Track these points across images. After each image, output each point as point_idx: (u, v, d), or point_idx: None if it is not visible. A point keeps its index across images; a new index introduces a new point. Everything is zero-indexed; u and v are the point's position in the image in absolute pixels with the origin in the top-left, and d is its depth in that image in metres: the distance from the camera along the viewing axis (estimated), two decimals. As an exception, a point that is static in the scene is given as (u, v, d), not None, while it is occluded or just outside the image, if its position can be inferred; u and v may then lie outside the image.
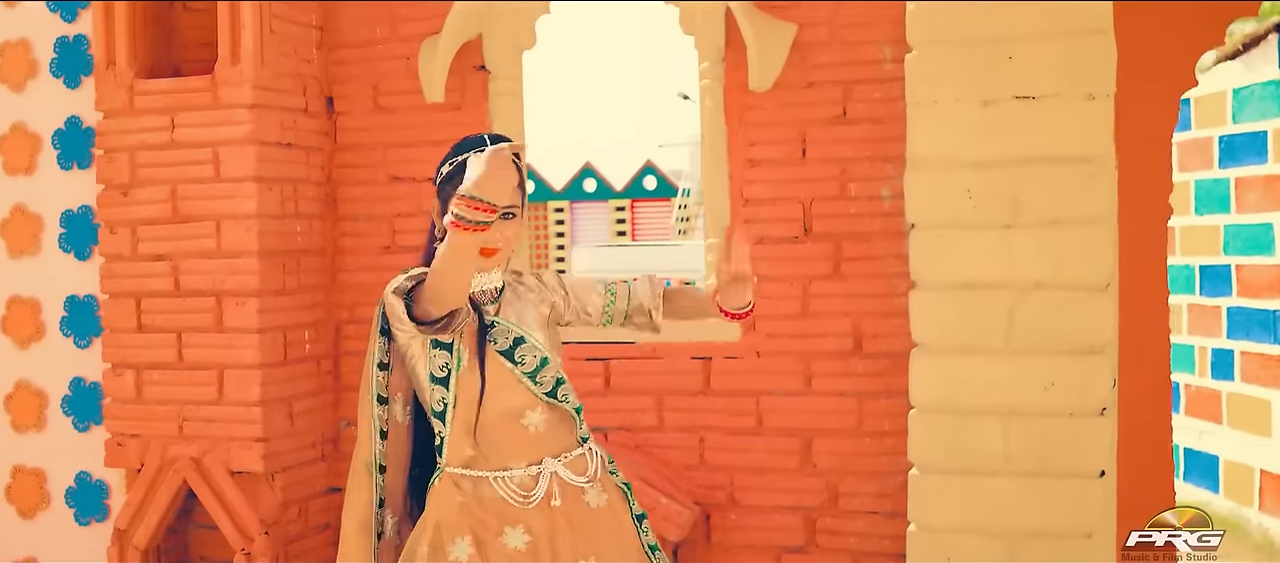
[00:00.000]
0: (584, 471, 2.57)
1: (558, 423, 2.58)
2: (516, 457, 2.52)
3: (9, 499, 4.18)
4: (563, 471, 2.55)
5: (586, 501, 2.56)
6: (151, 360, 3.75)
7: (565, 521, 2.51)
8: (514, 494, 2.50)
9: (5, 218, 4.14)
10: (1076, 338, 2.97)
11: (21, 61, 4.10)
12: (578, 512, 2.53)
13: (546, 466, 2.53)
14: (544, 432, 2.55)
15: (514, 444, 2.53)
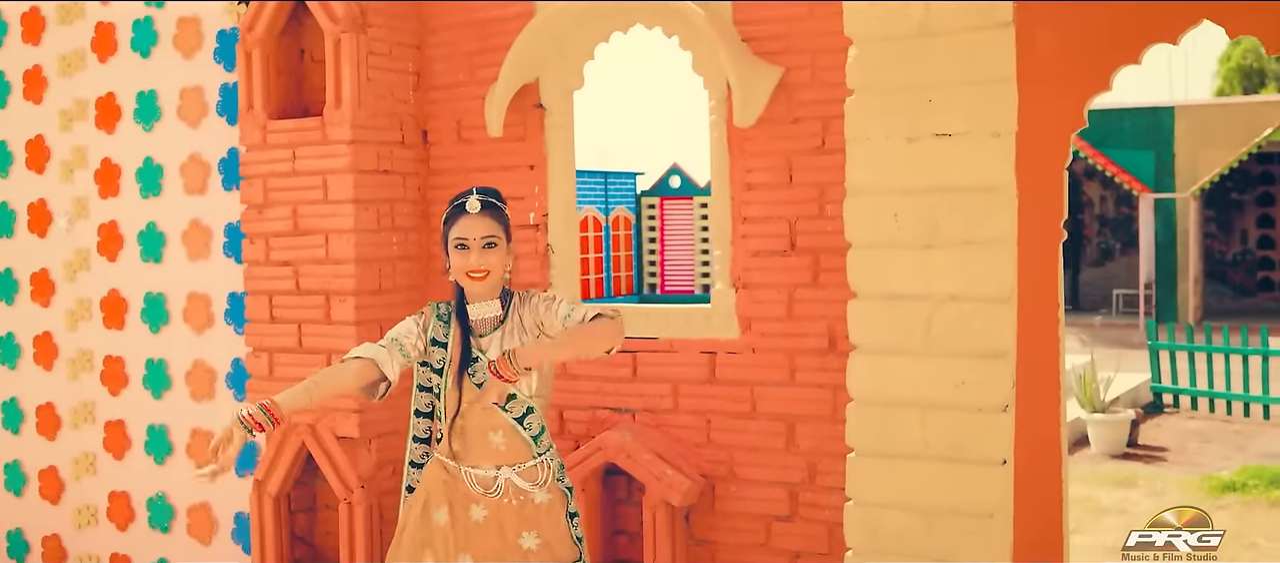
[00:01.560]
0: (535, 478, 3.29)
1: (515, 443, 3.29)
2: (484, 461, 3.29)
3: (189, 454, 5.17)
4: (516, 478, 3.28)
5: (533, 498, 3.27)
6: (279, 345, 4.64)
7: (513, 508, 3.25)
8: (477, 486, 3.26)
9: (185, 229, 5.12)
10: (983, 343, 3.42)
11: (196, 103, 5.07)
12: (525, 504, 3.27)
13: (503, 473, 3.29)
14: (504, 448, 3.28)
15: (482, 452, 3.29)
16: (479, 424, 3.27)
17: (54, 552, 5.64)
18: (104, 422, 5.42)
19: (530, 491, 3.28)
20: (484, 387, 3.25)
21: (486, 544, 3.27)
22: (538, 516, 3.29)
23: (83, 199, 5.45)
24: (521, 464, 3.29)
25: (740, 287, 4.12)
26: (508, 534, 3.26)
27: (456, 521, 3.28)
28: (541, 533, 3.28)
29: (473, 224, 3.22)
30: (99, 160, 5.38)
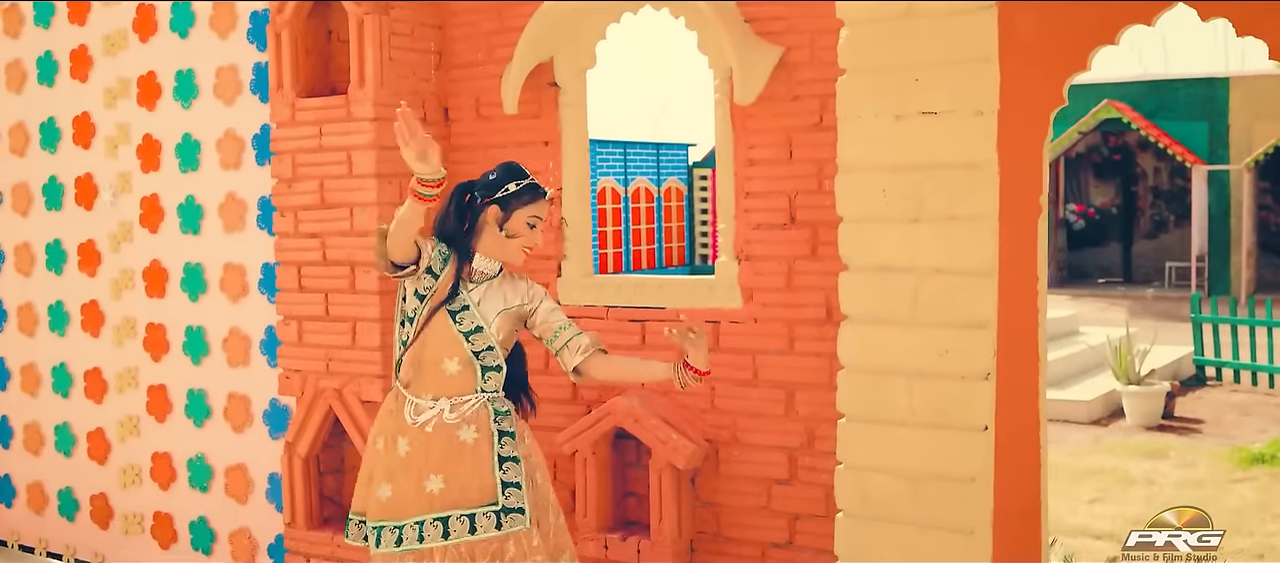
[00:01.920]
0: (465, 413, 3.53)
1: (464, 375, 3.54)
2: (428, 389, 3.55)
3: (226, 418, 5.43)
4: (447, 411, 3.53)
5: (459, 435, 3.51)
6: (307, 314, 4.87)
7: (435, 444, 3.51)
8: (410, 415, 3.53)
9: (221, 202, 5.36)
10: (966, 314, 3.56)
11: (231, 82, 5.30)
12: (447, 441, 3.51)
13: (439, 404, 3.53)
14: (453, 377, 3.54)
15: (431, 380, 3.55)
16: (435, 354, 3.53)
17: (101, 510, 5.94)
18: (147, 386, 5.69)
19: (457, 425, 3.51)
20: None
21: (401, 476, 3.53)
22: (457, 454, 3.50)
23: (126, 173, 5.71)
24: (460, 397, 3.53)
25: (742, 259, 4.29)
26: (419, 473, 3.51)
27: (389, 450, 3.58)
28: (450, 473, 3.48)
29: (545, 208, 3.62)
30: (141, 136, 5.63)
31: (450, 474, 3.49)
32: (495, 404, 3.59)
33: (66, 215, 5.97)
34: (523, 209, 3.58)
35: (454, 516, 3.47)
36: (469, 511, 3.48)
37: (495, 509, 3.49)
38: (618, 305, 4.54)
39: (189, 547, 5.59)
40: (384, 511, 3.52)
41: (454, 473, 3.48)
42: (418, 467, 3.51)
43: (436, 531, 3.47)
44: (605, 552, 4.41)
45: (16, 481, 6.33)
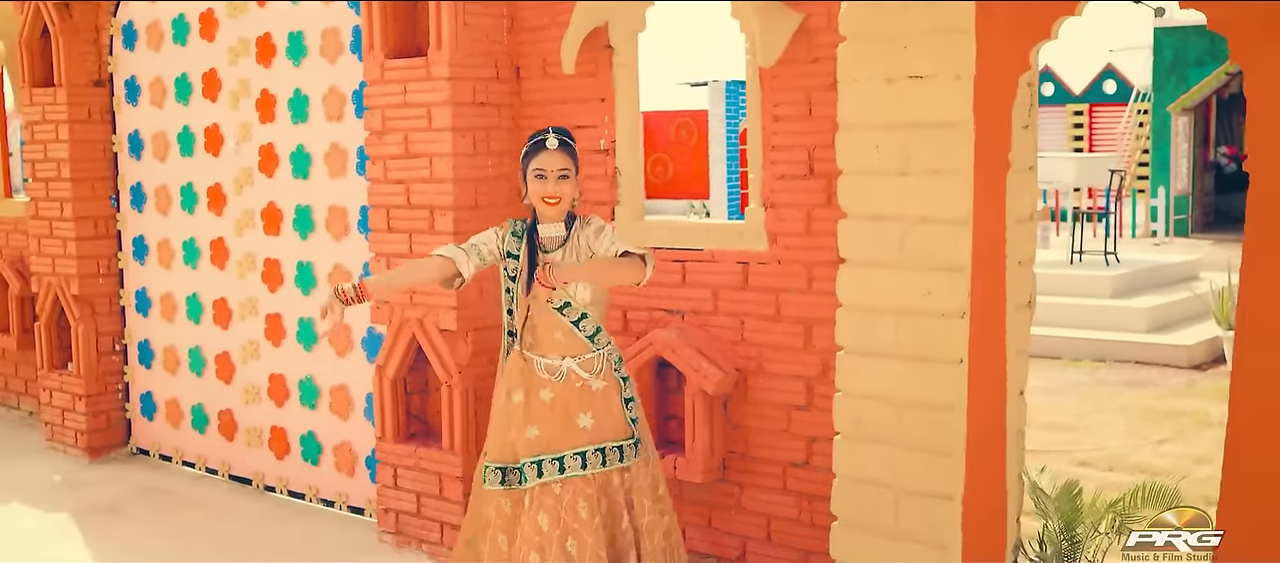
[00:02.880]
0: (591, 368, 4.14)
1: (574, 338, 4.14)
2: (550, 351, 4.15)
3: (330, 344, 6.19)
4: (576, 367, 4.13)
5: (591, 385, 4.12)
6: (394, 252, 5.56)
7: (574, 391, 4.11)
8: (545, 373, 4.13)
9: (326, 151, 6.09)
10: (945, 258, 4.03)
11: (335, 43, 6.00)
12: (583, 389, 4.12)
13: (566, 362, 4.14)
14: (565, 341, 4.14)
15: (548, 344, 4.16)
16: (545, 323, 4.14)
17: (227, 424, 6.80)
18: (265, 314, 6.50)
19: (588, 378, 4.12)
20: (531, 291, 4.10)
21: (552, 421, 4.13)
22: (593, 400, 4.13)
23: (247, 124, 6.49)
24: (580, 356, 4.13)
25: (769, 206, 4.80)
26: (570, 412, 4.12)
27: (529, 401, 4.16)
28: (595, 414, 4.11)
29: (551, 158, 4.08)
30: (259, 91, 6.39)
31: (594, 413, 4.13)
32: (611, 354, 4.21)
33: (197, 161, 6.79)
34: (528, 165, 4.12)
35: (608, 447, 4.12)
36: (616, 443, 4.14)
37: (631, 442, 4.17)
38: (663, 247, 5.10)
39: (300, 458, 6.39)
40: (534, 448, 4.13)
41: (595, 411, 4.12)
42: (564, 409, 4.13)
43: (596, 459, 4.11)
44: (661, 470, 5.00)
45: (157, 397, 7.25)
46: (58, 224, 7.32)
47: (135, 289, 7.32)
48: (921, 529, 4.16)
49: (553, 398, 4.14)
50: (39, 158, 7.38)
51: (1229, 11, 3.50)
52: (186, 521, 6.20)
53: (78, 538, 5.94)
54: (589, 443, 4.11)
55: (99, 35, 7.28)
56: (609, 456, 4.12)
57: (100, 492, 6.70)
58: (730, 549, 5.02)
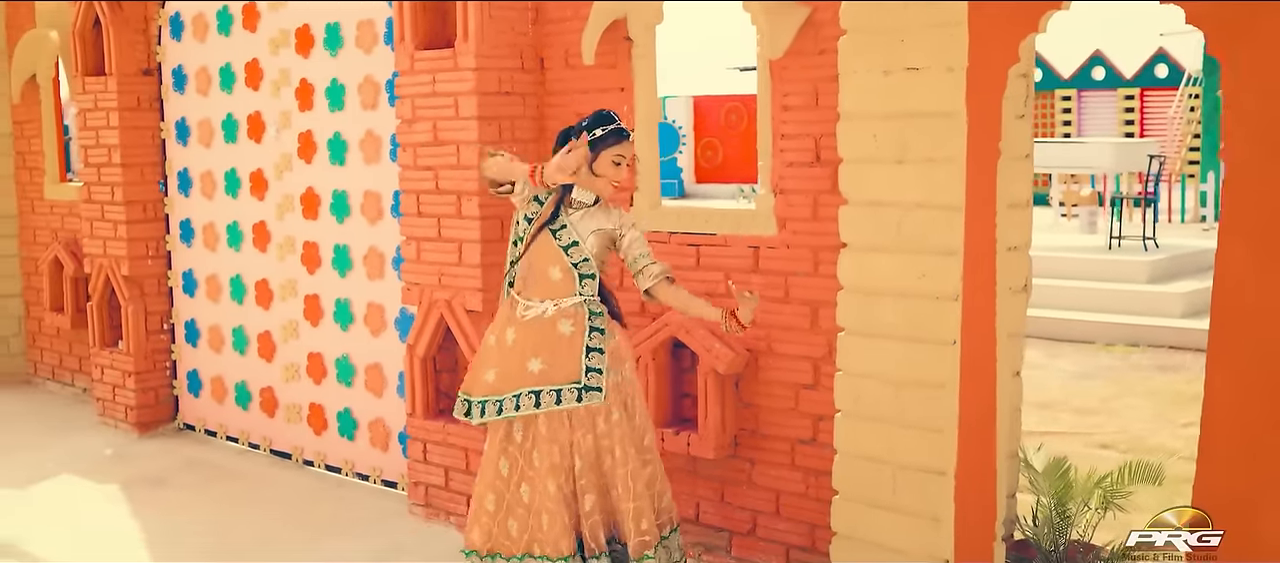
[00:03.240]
0: (567, 313, 4.38)
1: (566, 280, 4.42)
2: (537, 292, 4.46)
3: (365, 323, 6.48)
4: (551, 308, 4.40)
5: (558, 327, 4.39)
6: (424, 235, 5.83)
7: (537, 333, 4.40)
8: (520, 311, 4.43)
9: (361, 138, 6.37)
10: (939, 243, 4.23)
11: (370, 34, 6.27)
12: (548, 331, 4.39)
13: (546, 303, 4.42)
14: (557, 282, 4.44)
15: (540, 285, 4.45)
16: (543, 263, 4.45)
17: (268, 401, 7.11)
18: (304, 295, 6.80)
19: (557, 320, 4.41)
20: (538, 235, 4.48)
21: (507, 361, 4.46)
22: (556, 342, 4.42)
23: (287, 112, 6.79)
24: (563, 300, 4.44)
25: (777, 192, 5.01)
26: (523, 357, 4.43)
27: (499, 342, 4.50)
28: (548, 357, 4.40)
29: (628, 148, 4.50)
30: (298, 80, 6.68)
31: (548, 357, 4.42)
32: (591, 306, 4.49)
33: (240, 147, 7.11)
34: (608, 151, 4.46)
35: (545, 390, 4.40)
36: (557, 386, 4.40)
37: (578, 387, 4.40)
38: (678, 232, 5.33)
39: (336, 434, 6.70)
40: (489, 389, 4.47)
41: (551, 357, 4.41)
42: (520, 351, 4.44)
43: (530, 401, 4.41)
44: (661, 443, 5.24)
45: (203, 375, 7.59)
46: (109, 208, 7.67)
47: (182, 271, 7.66)
48: (916, 502, 4.37)
49: (515, 339, 4.46)
50: (91, 144, 7.73)
51: (1207, 8, 3.66)
52: (228, 492, 6.52)
53: (126, 508, 6.27)
54: (531, 385, 4.41)
55: (148, 26, 7.61)
56: (545, 398, 4.39)
57: (148, 465, 7.04)
58: (741, 523, 5.25)
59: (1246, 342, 3.64)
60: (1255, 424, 3.64)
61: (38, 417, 8.27)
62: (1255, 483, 3.66)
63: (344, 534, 5.80)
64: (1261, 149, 3.55)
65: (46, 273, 8.67)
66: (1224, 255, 3.67)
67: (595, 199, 4.54)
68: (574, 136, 4.50)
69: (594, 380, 4.42)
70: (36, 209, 9.07)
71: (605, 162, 4.46)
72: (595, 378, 4.42)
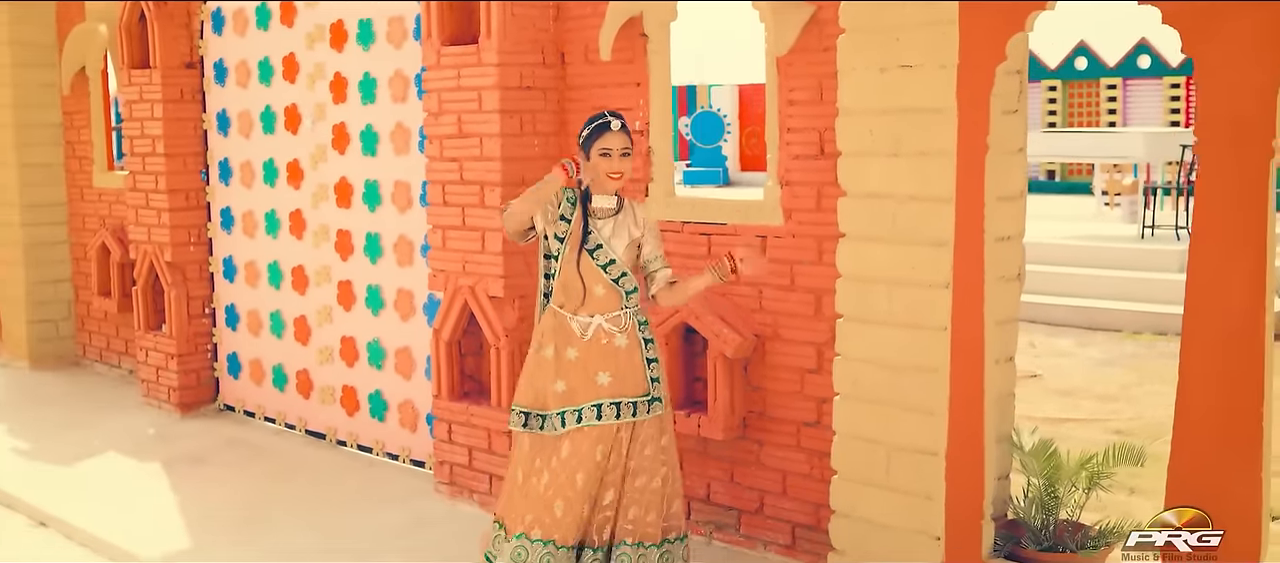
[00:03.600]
0: (618, 325, 4.65)
1: (611, 296, 4.65)
2: (584, 309, 4.66)
3: (395, 308, 6.77)
4: (604, 324, 4.64)
5: (615, 342, 4.63)
6: (449, 224, 6.10)
7: (598, 349, 4.62)
8: (576, 329, 4.63)
9: (392, 130, 6.66)
10: (931, 234, 4.45)
11: (400, 29, 6.56)
12: (608, 346, 4.63)
13: (596, 319, 4.65)
14: (601, 298, 4.66)
15: (588, 302, 4.66)
16: (588, 281, 4.65)
17: (304, 383, 7.44)
18: (337, 281, 7.11)
19: (614, 334, 4.64)
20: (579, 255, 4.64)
21: (575, 377, 4.64)
22: (616, 356, 4.64)
23: (321, 104, 7.09)
24: (610, 313, 4.65)
25: (784, 184, 5.24)
26: (590, 371, 4.62)
27: (558, 357, 4.68)
28: (614, 371, 4.63)
29: (615, 139, 4.62)
30: (332, 74, 6.98)
31: (614, 371, 4.65)
32: (638, 316, 4.73)
33: (278, 138, 7.42)
34: (593, 145, 4.65)
35: (606, 403, 4.63)
36: (632, 399, 4.66)
37: (648, 399, 4.67)
38: (691, 221, 5.57)
39: (368, 415, 7.00)
40: (562, 400, 4.67)
41: (616, 370, 4.64)
42: (586, 367, 4.66)
43: (592, 414, 4.63)
44: (675, 425, 5.49)
45: (242, 357, 7.93)
46: (153, 196, 8.01)
47: (222, 257, 7.99)
48: (909, 481, 4.60)
49: (577, 356, 4.66)
50: (136, 134, 8.08)
51: (1181, 9, 3.86)
52: (264, 470, 6.84)
53: (165, 483, 6.62)
54: (606, 397, 4.62)
55: (190, 21, 7.94)
56: (623, 410, 4.61)
57: (189, 443, 7.38)
58: (750, 502, 5.49)
59: (1217, 326, 3.84)
60: (1224, 405, 3.83)
61: (85, 396, 8.66)
62: (1225, 463, 3.85)
63: (371, 508, 6.10)
64: (1231, 144, 3.74)
65: (95, 258, 9.05)
66: (1197, 245, 3.87)
67: (617, 202, 4.72)
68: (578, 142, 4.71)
69: (657, 391, 4.69)
70: (86, 197, 9.46)
71: (595, 155, 4.63)
72: (658, 389, 4.69)
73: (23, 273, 9.51)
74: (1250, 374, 3.79)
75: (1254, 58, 3.68)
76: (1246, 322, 3.78)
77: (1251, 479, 3.83)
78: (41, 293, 9.60)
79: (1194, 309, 3.91)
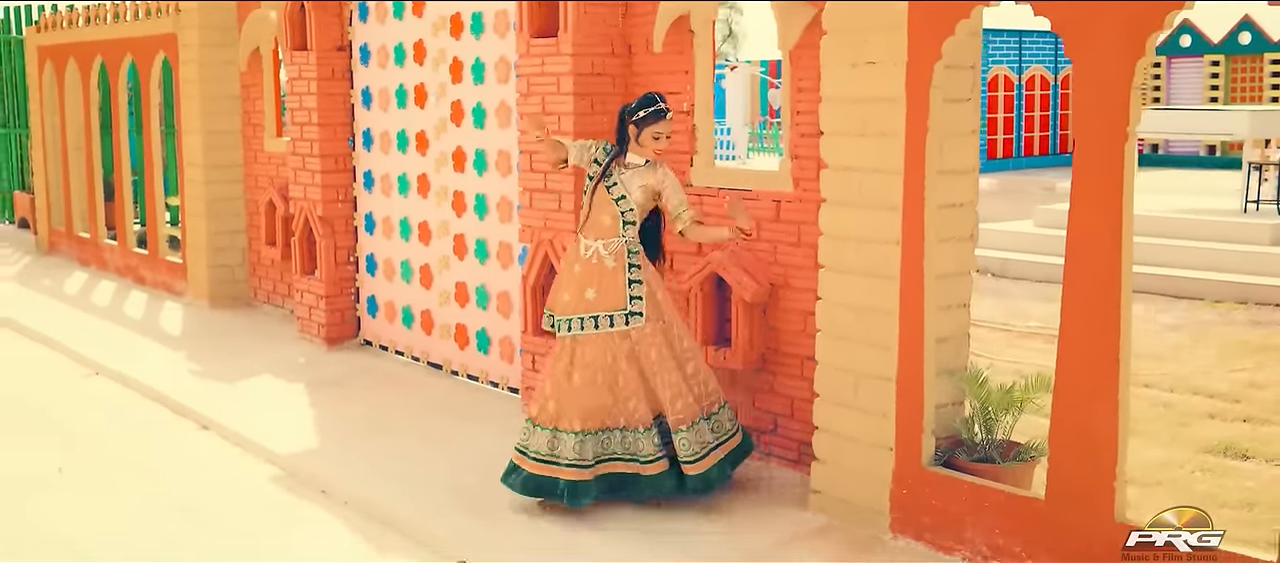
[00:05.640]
0: (611, 249, 5.98)
1: (613, 226, 6.00)
2: (592, 234, 6.06)
3: (497, 258, 8.21)
4: (600, 247, 5.97)
5: (605, 263, 5.96)
6: (535, 187, 7.50)
7: (590, 268, 6.01)
8: (582, 249, 6.03)
9: (497, 107, 8.08)
10: (885, 200, 5.61)
11: (503, 22, 7.97)
12: (597, 265, 6.00)
13: (596, 243, 6.00)
14: (605, 226, 6.03)
15: (594, 228, 6.05)
16: (599, 211, 6.04)
17: (426, 321, 8.96)
18: (454, 235, 8.59)
19: (604, 257, 6.00)
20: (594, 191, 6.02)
21: (575, 290, 6.05)
22: (603, 275, 6.00)
23: (443, 84, 8.57)
24: (610, 240, 6.02)
25: (794, 157, 6.45)
26: (582, 285, 6.02)
27: (568, 271, 6.13)
28: (599, 288, 5.99)
29: (666, 125, 6.06)
30: (451, 58, 8.45)
31: (598, 287, 6.03)
32: (630, 245, 6.07)
33: (409, 112, 8.94)
34: (648, 128, 6.01)
35: (600, 315, 6.01)
36: (610, 312, 6.00)
37: (625, 312, 6.00)
38: (725, 187, 6.83)
39: (476, 349, 8.48)
40: (564, 309, 6.11)
41: (601, 287, 6.02)
42: (581, 281, 6.06)
43: (591, 324, 6.02)
44: (707, 358, 6.77)
45: (378, 299, 9.51)
46: (308, 160, 9.65)
47: (365, 213, 9.58)
48: (871, 402, 5.78)
49: (579, 272, 6.06)
50: (296, 107, 9.72)
51: (1064, 12, 4.95)
52: (390, 392, 8.39)
53: (307, 400, 8.23)
54: (589, 310, 5.99)
55: (342, 10, 9.53)
56: (602, 321, 5.98)
57: (331, 370, 9.00)
58: (766, 423, 6.73)
59: (1090, 287, 4.92)
60: (1094, 353, 4.92)
61: (252, 331, 10.42)
62: (1092, 392, 4.93)
63: (467, 423, 7.57)
64: (1101, 131, 4.82)
65: (264, 213, 10.78)
66: (1075, 214, 4.96)
67: (645, 162, 6.08)
68: (626, 114, 6.05)
69: (636, 307, 6.01)
70: (258, 159, 11.22)
71: (647, 137, 6.00)
72: (637, 304, 6.00)
73: (205, 224, 11.36)
74: (1110, 322, 4.86)
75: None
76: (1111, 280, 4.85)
77: (1109, 404, 4.90)
78: (220, 242, 11.44)
79: (1072, 270, 4.99)
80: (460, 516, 6.01)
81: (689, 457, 6.00)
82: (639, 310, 6.01)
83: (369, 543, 5.85)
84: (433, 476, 6.56)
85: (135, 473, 6.94)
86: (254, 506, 6.39)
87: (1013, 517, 5.25)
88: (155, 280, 12.55)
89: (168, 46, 11.81)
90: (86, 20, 13.67)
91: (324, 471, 6.75)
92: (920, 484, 5.60)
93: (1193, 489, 6.37)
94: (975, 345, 8.63)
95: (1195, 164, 21.31)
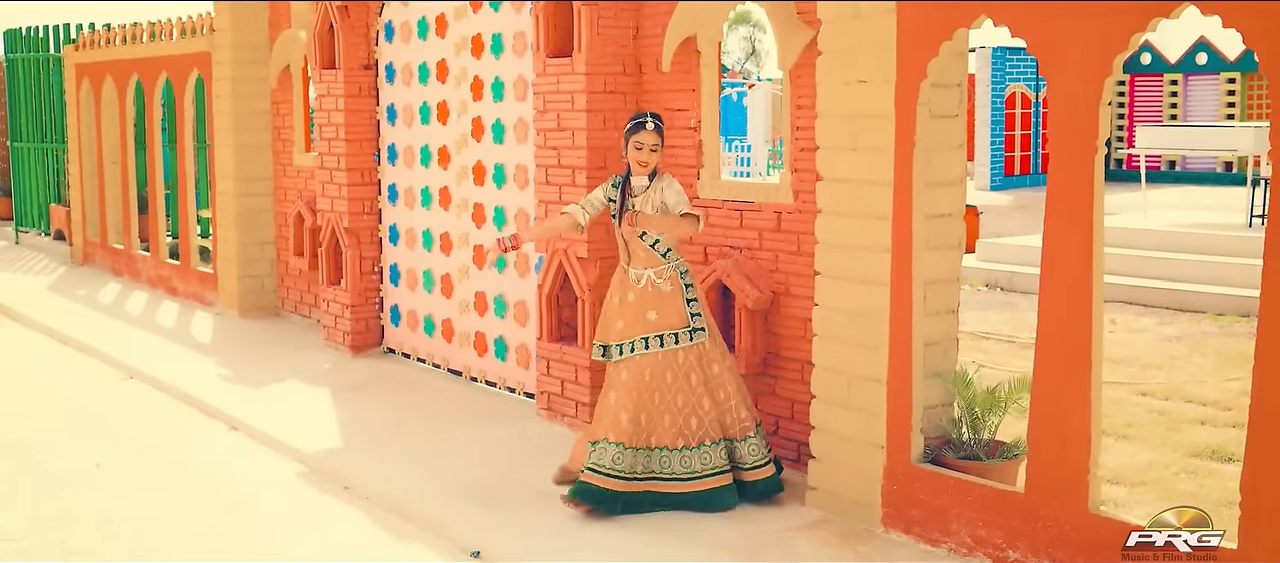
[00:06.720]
0: (662, 276, 6.37)
1: (652, 255, 6.38)
2: (637, 265, 6.42)
3: (514, 268, 8.60)
4: (653, 276, 6.37)
5: (661, 288, 6.34)
6: (551, 200, 7.90)
7: (647, 294, 6.36)
8: (632, 279, 6.40)
9: (515, 124, 8.48)
10: (876, 210, 5.98)
11: (521, 42, 8.38)
12: (654, 292, 6.36)
13: (647, 273, 6.39)
14: (646, 256, 6.40)
15: (638, 259, 6.41)
16: (633, 244, 6.40)
17: (447, 329, 9.37)
18: (473, 246, 8.99)
19: (659, 282, 6.35)
20: (621, 225, 6.36)
21: (630, 315, 6.39)
22: (661, 297, 6.36)
23: (464, 102, 8.98)
24: (656, 268, 6.36)
25: (794, 170, 6.82)
26: (641, 310, 6.36)
27: (621, 302, 6.45)
28: (660, 309, 6.34)
29: (646, 137, 6.37)
30: (472, 77, 8.86)
31: (659, 309, 6.38)
32: (679, 267, 6.44)
33: (432, 129, 9.36)
34: (631, 140, 6.38)
35: (666, 334, 6.36)
36: (674, 330, 6.37)
37: (689, 329, 6.38)
38: (729, 200, 7.21)
39: (494, 356, 8.87)
40: (620, 334, 6.44)
41: (661, 309, 6.36)
42: (638, 307, 6.41)
43: (656, 342, 6.35)
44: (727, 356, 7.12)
45: (402, 308, 9.92)
46: (335, 173, 10.09)
47: (389, 225, 10.00)
48: (863, 402, 6.14)
49: (634, 299, 6.38)
50: (324, 123, 10.16)
51: (1038, 33, 5.31)
52: (411, 397, 8.79)
53: (331, 403, 8.64)
54: (651, 330, 6.32)
55: (368, 31, 9.96)
56: (667, 339, 6.31)
57: (354, 376, 9.41)
58: (768, 425, 7.09)
59: (1063, 292, 5.27)
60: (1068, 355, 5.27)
61: (280, 339, 10.87)
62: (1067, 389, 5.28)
63: (484, 425, 7.96)
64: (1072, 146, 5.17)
65: (292, 225, 11.23)
66: (1049, 225, 5.31)
67: (647, 180, 6.41)
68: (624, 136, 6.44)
69: (698, 323, 6.39)
70: (287, 173, 11.68)
71: (631, 150, 6.36)
72: (699, 320, 6.39)
73: (235, 236, 11.82)
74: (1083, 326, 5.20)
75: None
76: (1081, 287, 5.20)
77: (1082, 402, 5.24)
78: (250, 253, 11.90)
79: (1048, 278, 5.35)
80: (475, 509, 6.39)
81: (757, 461, 6.41)
82: (701, 325, 6.38)
83: (388, 533, 6.24)
84: (449, 473, 6.95)
85: (170, 468, 7.36)
86: (282, 498, 6.80)
87: (994, 509, 5.59)
88: (187, 291, 13.02)
89: (202, 65, 12.29)
90: (123, 39, 14.19)
91: (347, 468, 7.15)
92: (909, 480, 5.94)
93: (1175, 488, 6.68)
94: (983, 355, 9.09)
95: (1211, 181, 21.58)
